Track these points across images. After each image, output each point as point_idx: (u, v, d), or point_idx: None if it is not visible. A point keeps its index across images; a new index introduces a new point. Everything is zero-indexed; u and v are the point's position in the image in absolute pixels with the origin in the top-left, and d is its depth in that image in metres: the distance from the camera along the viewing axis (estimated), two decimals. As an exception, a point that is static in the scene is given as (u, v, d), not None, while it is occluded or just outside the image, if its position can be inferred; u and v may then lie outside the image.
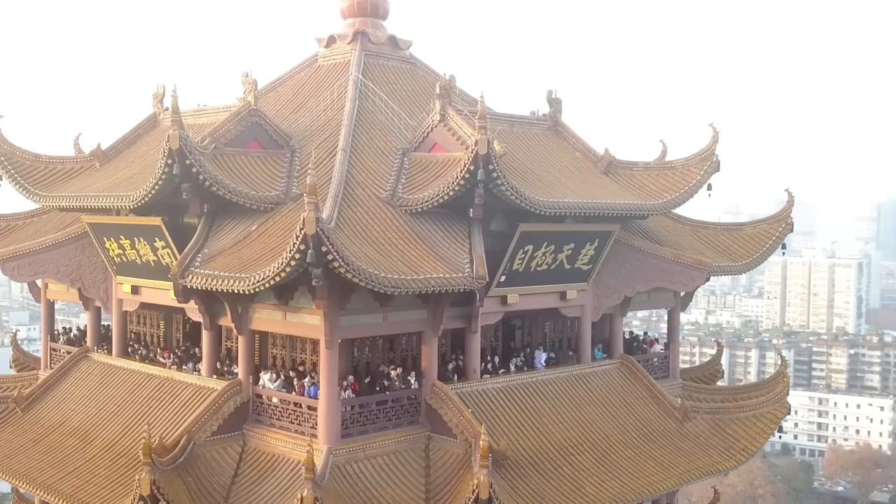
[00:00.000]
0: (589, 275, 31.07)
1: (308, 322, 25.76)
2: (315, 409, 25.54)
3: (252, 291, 23.71)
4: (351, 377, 26.32)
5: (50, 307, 36.18)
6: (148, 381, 30.03)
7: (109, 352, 32.85)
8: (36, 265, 31.82)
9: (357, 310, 25.36)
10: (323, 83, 33.79)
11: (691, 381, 35.75)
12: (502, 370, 30.00)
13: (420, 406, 27.22)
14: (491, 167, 25.21)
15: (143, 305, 31.47)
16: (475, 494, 23.09)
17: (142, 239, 29.04)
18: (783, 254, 35.86)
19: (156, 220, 27.89)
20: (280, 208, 27.29)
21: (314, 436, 25.43)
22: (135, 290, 30.85)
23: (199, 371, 29.50)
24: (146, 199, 26.45)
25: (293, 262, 22.12)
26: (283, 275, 22.48)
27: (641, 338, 36.20)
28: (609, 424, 30.24)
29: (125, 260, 30.40)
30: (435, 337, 27.38)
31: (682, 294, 35.25)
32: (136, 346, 32.45)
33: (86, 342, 34.77)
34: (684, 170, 32.10)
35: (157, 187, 25.99)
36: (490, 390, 28.68)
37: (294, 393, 26.37)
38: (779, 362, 36.04)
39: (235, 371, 28.36)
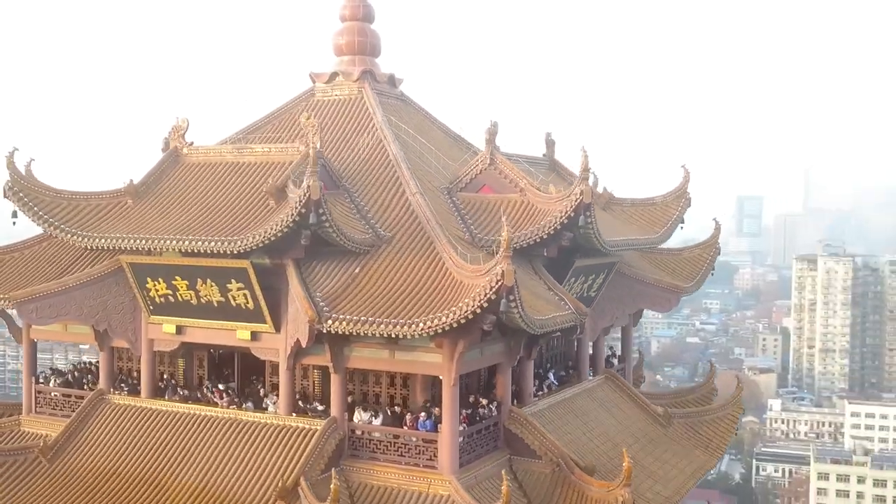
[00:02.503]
0: (594, 300, 34.59)
1: (425, 360, 27.22)
2: (431, 443, 27.12)
3: (417, 335, 24.97)
4: (464, 410, 28.10)
5: (33, 347, 34.14)
6: (208, 423, 29.79)
7: (131, 393, 31.95)
8: (57, 307, 30.24)
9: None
10: (333, 120, 34.72)
11: (690, 402, 39.91)
12: (539, 392, 32.79)
13: (500, 431, 29.48)
14: (588, 214, 28.07)
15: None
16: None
17: (209, 280, 28.87)
18: (712, 273, 41.21)
19: (243, 263, 27.96)
20: (376, 251, 28.40)
21: (431, 467, 27.03)
22: (179, 329, 30.41)
23: (264, 410, 29.80)
24: (262, 244, 26.62)
25: (478, 311, 23.80)
26: (465, 321, 24.06)
27: (608, 354, 40.11)
28: (619, 433, 33.96)
29: (172, 300, 29.91)
30: (510, 367, 29.71)
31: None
32: (175, 386, 31.78)
33: (83, 384, 33.56)
34: (664, 206, 36.47)
35: (280, 233, 26.31)
36: (543, 411, 31.42)
37: (406, 427, 27.73)
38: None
39: (319, 408, 29.11)
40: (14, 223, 31.76)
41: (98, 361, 36.36)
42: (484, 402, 29.19)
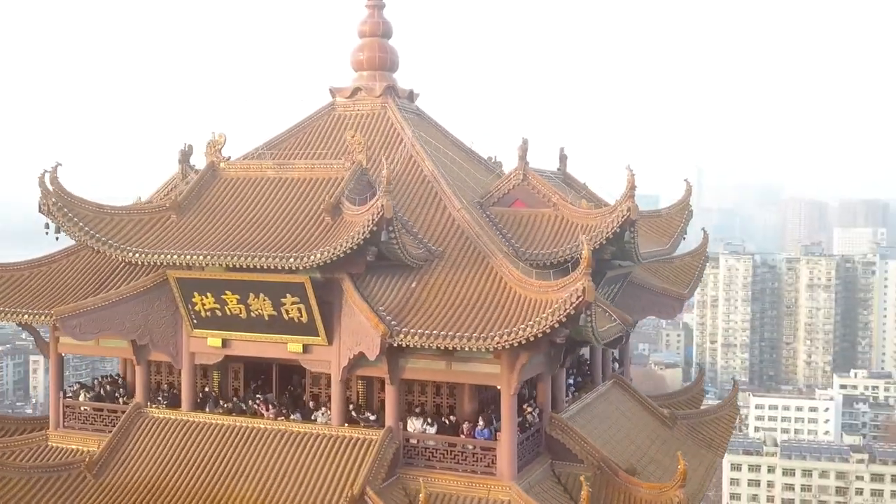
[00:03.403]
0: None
1: (482, 371, 28.29)
2: (489, 450, 28.23)
3: (489, 349, 26.01)
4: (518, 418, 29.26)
5: (61, 362, 33.94)
6: (256, 435, 30.21)
7: (170, 406, 32.15)
8: (100, 322, 30.28)
9: (520, 357, 28.43)
10: (362, 135, 35.31)
11: (681, 404, 41.74)
12: (568, 397, 34.17)
13: (541, 437, 30.74)
14: (633, 229, 29.55)
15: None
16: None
17: (262, 294, 29.32)
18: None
19: (301, 278, 28.51)
20: (429, 265, 29.32)
21: (490, 474, 28.14)
22: (225, 343, 30.76)
23: (313, 421, 30.41)
24: (331, 260, 27.24)
25: (556, 325, 25.00)
26: (541, 335, 25.22)
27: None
28: (638, 435, 35.61)
29: (219, 314, 30.22)
30: (550, 375, 31.00)
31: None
32: (217, 398, 32.07)
33: (115, 397, 33.61)
34: (668, 218, 38.24)
35: (350, 250, 26.99)
36: (574, 416, 32.77)
37: (463, 436, 28.75)
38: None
39: (371, 418, 29.88)
40: (57, 238, 32.00)
41: (119, 374, 36.55)
42: (528, 409, 30.42)
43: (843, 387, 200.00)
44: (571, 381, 35.59)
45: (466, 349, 26.40)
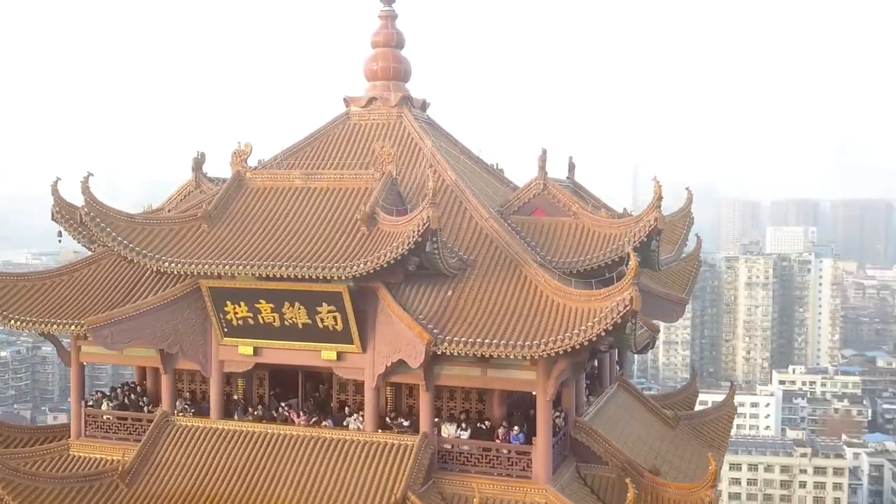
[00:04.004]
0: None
1: (518, 377, 29.08)
2: (524, 454, 29.03)
3: (534, 357, 26.79)
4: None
5: (82, 371, 33.90)
6: (290, 442, 30.56)
7: (198, 414, 32.37)
8: (132, 331, 30.40)
9: (553, 363, 29.28)
10: (373, 144, 35.87)
11: (677, 405, 42.89)
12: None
13: (567, 440, 31.63)
14: (659, 238, 30.59)
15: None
16: None
17: (298, 303, 29.71)
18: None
19: (339, 287, 28.97)
20: (462, 274, 29.98)
21: (525, 477, 28.94)
22: (257, 351, 31.09)
23: (345, 427, 30.90)
24: (374, 270, 27.76)
25: (603, 334, 25.88)
26: (588, 342, 26.08)
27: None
28: (649, 436, 36.71)
29: (251, 323, 30.54)
30: (574, 380, 31.89)
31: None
32: (246, 406, 32.33)
33: (139, 406, 33.70)
34: (672, 225, 39.33)
35: (393, 260, 27.54)
36: (593, 419, 33.72)
37: (498, 440, 29.49)
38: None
39: (405, 424, 30.47)
40: (60, 241, 32.46)
41: (134, 382, 36.59)
42: (556, 414, 31.27)
43: (781, 382, 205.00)
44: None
45: (511, 357, 27.16)
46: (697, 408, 44.21)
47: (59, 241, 35.96)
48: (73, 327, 31.46)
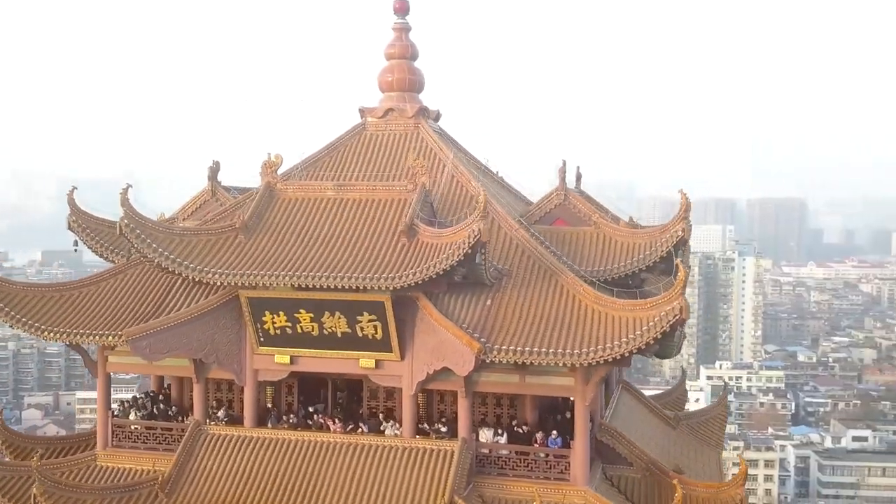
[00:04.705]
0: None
1: (556, 383, 30.10)
2: (562, 458, 30.09)
3: (584, 364, 27.82)
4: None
5: (108, 381, 33.87)
6: (328, 449, 31.03)
7: (230, 423, 32.68)
8: (169, 342, 30.63)
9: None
10: (392, 155, 36.59)
11: (668, 406, 44.19)
12: (598, 404, 36.26)
13: (593, 442, 32.76)
14: (684, 248, 31.92)
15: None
16: None
17: (338, 312, 30.25)
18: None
19: (382, 297, 29.61)
20: (499, 283, 30.87)
21: (563, 480, 29.99)
22: (293, 360, 31.53)
23: (382, 433, 31.56)
24: (423, 280, 28.47)
25: (651, 342, 27.05)
26: (635, 350, 27.20)
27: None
28: (658, 437, 38.13)
29: (289, 332, 30.95)
30: (602, 384, 33.01)
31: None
32: (279, 414, 32.72)
33: (168, 415, 33.85)
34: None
35: (442, 271, 28.31)
36: (611, 422, 34.97)
37: (537, 444, 30.48)
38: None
39: (442, 430, 31.24)
40: (76, 250, 32.65)
41: (153, 391, 36.67)
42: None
43: (709, 378, 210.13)
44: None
45: (555, 365, 28.15)
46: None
47: (76, 250, 35.90)
48: (102, 338, 31.49)
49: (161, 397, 35.44)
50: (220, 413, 33.06)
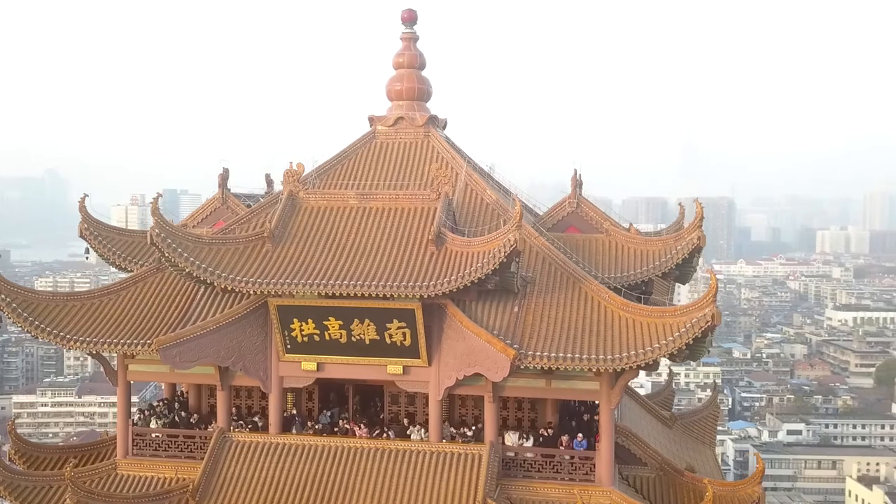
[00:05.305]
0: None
1: (582, 388, 30.98)
2: (587, 460, 30.97)
3: (615, 370, 28.72)
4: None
5: (128, 389, 33.81)
6: (356, 455, 31.41)
7: (254, 430, 32.94)
8: (199, 350, 30.82)
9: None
10: (403, 163, 37.11)
11: (657, 406, 45.39)
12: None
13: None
14: (698, 255, 33.05)
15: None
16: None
17: (368, 320, 30.73)
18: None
19: (412, 305, 30.16)
20: (524, 290, 31.61)
21: (589, 481, 30.87)
22: (320, 366, 31.91)
23: (408, 438, 32.12)
24: (459, 287, 29.10)
25: (684, 347, 28.05)
26: (668, 355, 28.20)
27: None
28: (660, 437, 39.30)
29: (317, 339, 31.33)
30: (624, 389, 33.94)
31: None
32: (304, 421, 33.04)
33: (189, 423, 33.97)
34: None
35: (478, 279, 28.98)
36: (620, 423, 36.01)
37: (562, 447, 31.32)
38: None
39: (468, 434, 31.92)
40: (87, 258, 32.79)
41: (166, 399, 36.70)
42: (597, 418, 33.36)
43: (648, 375, 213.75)
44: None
45: (588, 370, 29.03)
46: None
47: (87, 258, 35.78)
48: (128, 347, 31.50)
49: (177, 405, 35.44)
50: (257, 419, 33.20)
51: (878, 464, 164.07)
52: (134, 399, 39.33)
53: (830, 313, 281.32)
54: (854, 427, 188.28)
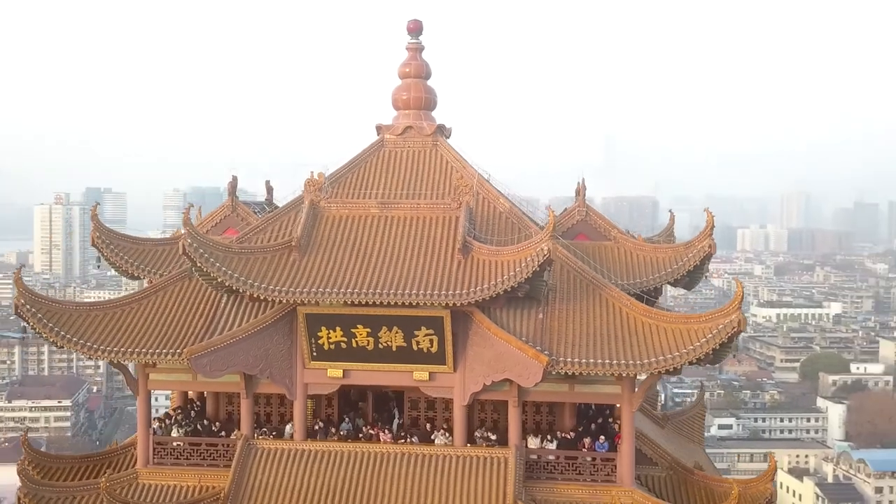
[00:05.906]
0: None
1: (604, 391, 32.03)
2: (609, 461, 32.01)
3: (619, 375, 29.82)
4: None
5: (149, 398, 33.79)
6: (382, 460, 31.93)
7: (279, 437, 33.26)
8: (228, 358, 31.06)
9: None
10: (412, 171, 37.70)
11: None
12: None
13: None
14: (708, 262, 34.35)
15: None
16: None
17: (396, 327, 31.30)
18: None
19: (441, 312, 30.81)
20: (546, 297, 32.50)
21: (610, 481, 31.92)
22: (345, 373, 32.37)
23: (432, 443, 32.77)
24: (492, 295, 29.87)
25: (710, 352, 29.24)
26: (695, 360, 29.35)
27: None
28: (655, 435, 40.46)
29: (343, 346, 31.79)
30: (645, 392, 35.05)
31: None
32: (328, 427, 33.43)
33: (212, 431, 34.13)
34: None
35: (510, 287, 29.78)
36: (628, 424, 37.12)
37: (585, 450, 32.31)
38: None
39: (492, 438, 32.72)
40: (98, 266, 32.79)
41: (178, 406, 36.74)
42: (612, 421, 34.49)
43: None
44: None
45: (613, 375, 30.06)
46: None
47: (98, 266, 35.71)
48: (154, 356, 31.58)
49: (193, 413, 35.54)
50: (288, 427, 33.47)
51: (807, 456, 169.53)
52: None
53: (755, 310, 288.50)
54: (782, 420, 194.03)
